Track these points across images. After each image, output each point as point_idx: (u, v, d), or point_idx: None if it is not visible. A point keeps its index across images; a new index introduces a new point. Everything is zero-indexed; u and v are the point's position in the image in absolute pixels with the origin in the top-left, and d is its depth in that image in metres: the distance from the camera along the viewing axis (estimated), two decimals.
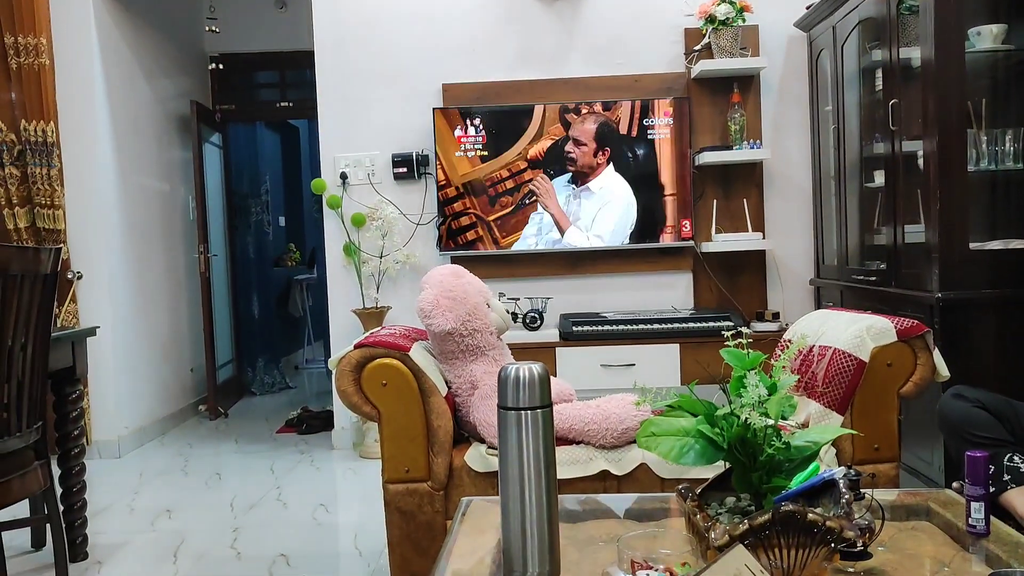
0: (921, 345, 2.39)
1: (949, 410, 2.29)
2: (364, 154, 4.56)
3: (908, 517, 1.88)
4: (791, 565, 1.35)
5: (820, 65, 4.27)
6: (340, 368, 2.49)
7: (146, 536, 3.37)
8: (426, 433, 2.49)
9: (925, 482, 3.21)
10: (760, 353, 1.48)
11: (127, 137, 4.96)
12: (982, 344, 3.03)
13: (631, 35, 4.49)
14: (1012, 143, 3.13)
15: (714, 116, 4.44)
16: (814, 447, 1.44)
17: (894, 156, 3.43)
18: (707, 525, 1.37)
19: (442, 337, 2.59)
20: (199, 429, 5.38)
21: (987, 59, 3.22)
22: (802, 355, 2.61)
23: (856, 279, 3.83)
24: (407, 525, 2.49)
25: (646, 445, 1.46)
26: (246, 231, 6.81)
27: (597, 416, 2.48)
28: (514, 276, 4.48)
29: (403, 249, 4.50)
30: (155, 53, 5.39)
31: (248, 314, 6.75)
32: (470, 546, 1.80)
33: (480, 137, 4.40)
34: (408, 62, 4.54)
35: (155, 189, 5.35)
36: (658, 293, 4.50)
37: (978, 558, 1.63)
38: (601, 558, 1.64)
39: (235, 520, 3.51)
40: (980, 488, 1.68)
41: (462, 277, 2.71)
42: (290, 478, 4.13)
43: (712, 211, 4.41)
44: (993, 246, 3.13)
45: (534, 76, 4.51)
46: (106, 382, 4.62)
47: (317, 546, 3.20)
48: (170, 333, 5.45)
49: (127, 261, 4.87)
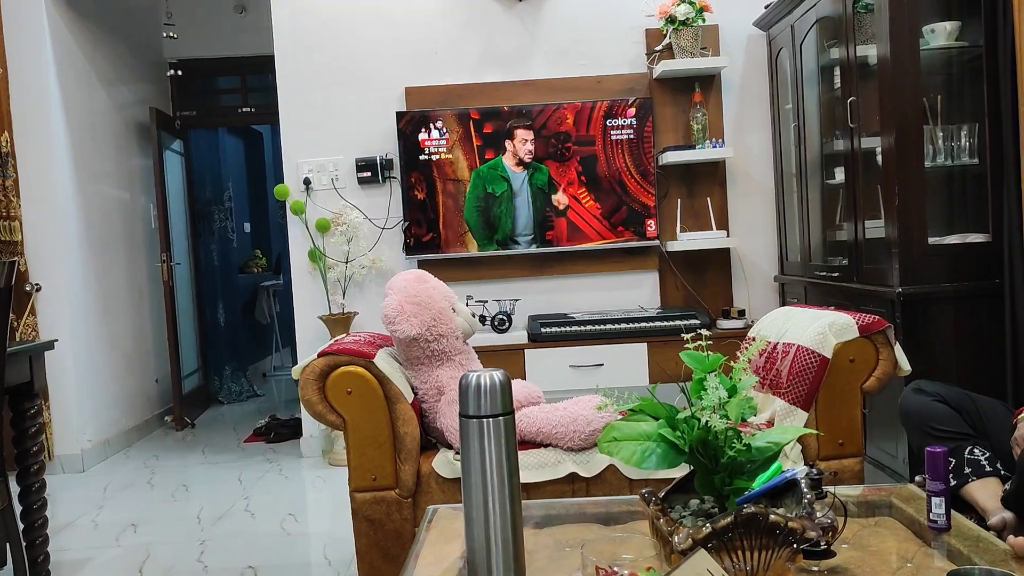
0: (882, 340, 2.41)
1: (910, 404, 2.31)
2: (327, 159, 4.53)
3: (872, 513, 1.89)
4: (755, 567, 1.35)
5: (780, 64, 4.31)
6: (304, 377, 2.47)
7: (111, 552, 3.31)
8: (392, 440, 2.47)
9: (890, 475, 3.25)
10: (720, 355, 1.49)
11: (85, 145, 4.88)
12: (942, 338, 3.07)
13: (593, 37, 4.49)
14: (967, 138, 3.17)
15: (677, 116, 4.46)
16: (775, 448, 1.44)
17: (853, 153, 3.47)
18: (670, 529, 1.37)
19: (407, 343, 2.58)
20: (165, 440, 5.31)
21: (941, 56, 3.26)
22: (767, 353, 2.63)
23: (819, 275, 3.87)
24: (375, 534, 2.47)
25: (607, 450, 1.46)
26: (210, 238, 6.73)
27: (564, 419, 2.48)
28: (482, 279, 4.47)
29: (369, 254, 4.47)
30: (112, 60, 5.31)
31: (214, 322, 6.67)
32: (436, 555, 1.78)
33: (444, 140, 4.38)
34: (370, 66, 4.51)
35: (115, 198, 5.27)
36: (625, 293, 4.52)
37: (940, 553, 1.65)
38: (568, 564, 1.63)
39: (202, 533, 3.47)
40: (940, 483, 1.70)
41: (426, 282, 2.69)
42: (258, 488, 4.09)
43: (676, 210, 4.44)
44: (951, 240, 3.18)
45: (497, 79, 4.50)
46: (67, 395, 4.54)
47: (286, 557, 3.16)
48: (133, 343, 5.37)
49: (87, 271, 4.79)
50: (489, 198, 4.39)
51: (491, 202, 4.39)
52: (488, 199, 4.39)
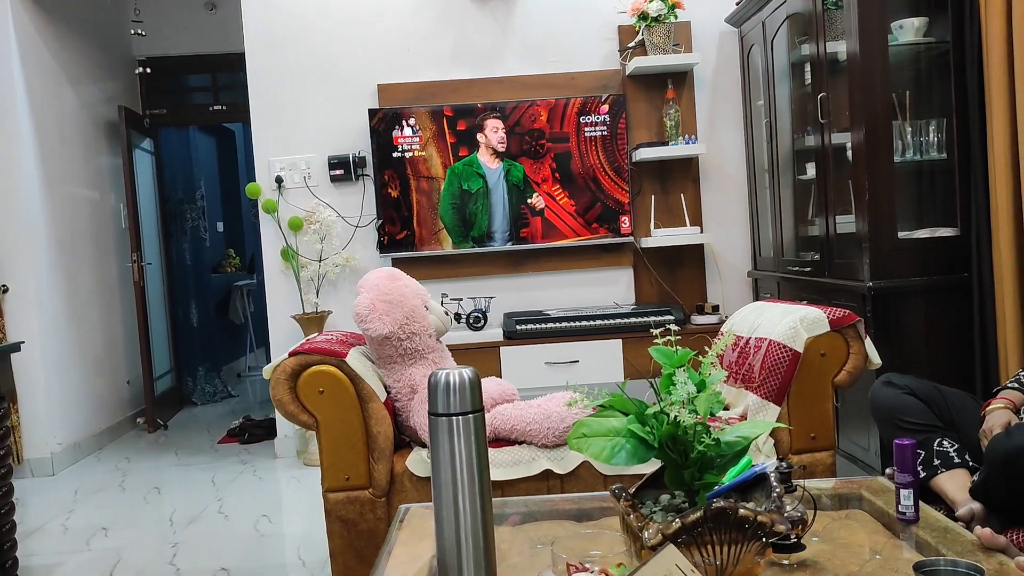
0: (853, 334, 2.43)
1: (880, 397, 2.33)
2: (299, 157, 4.49)
3: (842, 506, 1.91)
4: (725, 561, 1.35)
5: (751, 60, 4.33)
6: (275, 377, 2.44)
7: (81, 556, 3.26)
8: (366, 440, 2.45)
9: (863, 468, 3.27)
10: (688, 350, 1.49)
11: (52, 144, 4.80)
12: (912, 331, 3.10)
13: (565, 33, 4.49)
14: (935, 133, 3.20)
15: (650, 112, 4.47)
16: (744, 442, 1.45)
17: (824, 148, 3.49)
18: (640, 525, 1.37)
19: (380, 342, 2.56)
20: (137, 442, 5.24)
21: (910, 52, 3.29)
22: (739, 347, 2.64)
23: (792, 270, 3.89)
24: (349, 534, 2.45)
25: (577, 447, 1.45)
26: (182, 238, 6.66)
27: (538, 415, 2.47)
28: (457, 276, 4.46)
29: (342, 252, 4.44)
30: (79, 57, 5.23)
31: (186, 322, 6.60)
32: (408, 554, 1.77)
33: (418, 137, 4.36)
34: (342, 63, 4.48)
35: (84, 197, 5.20)
36: (600, 289, 4.52)
37: (908, 545, 1.66)
38: (540, 561, 1.63)
39: (174, 535, 3.43)
40: (908, 475, 1.71)
41: (399, 280, 2.67)
42: (232, 489, 4.05)
43: (650, 206, 4.44)
44: (920, 235, 3.21)
45: (470, 75, 4.49)
46: (36, 397, 4.47)
47: (259, 558, 3.13)
48: (104, 345, 5.30)
49: (56, 272, 4.73)
50: (464, 195, 4.37)
51: (466, 199, 4.38)
52: (463, 196, 4.37)
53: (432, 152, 4.37)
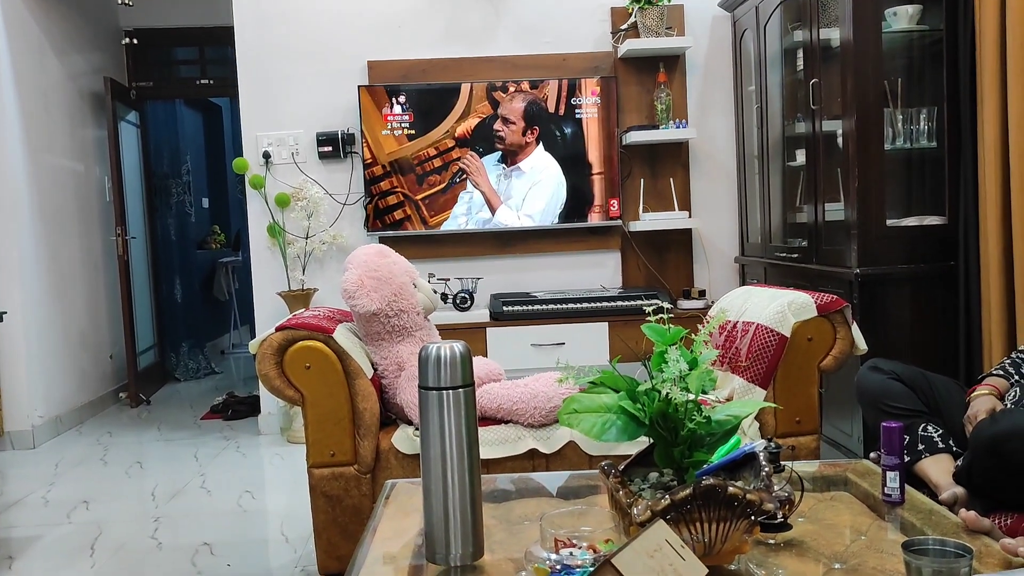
0: (840, 320, 2.44)
1: (866, 382, 2.34)
2: (288, 133, 4.45)
3: (828, 488, 1.92)
4: (713, 539, 1.36)
5: (744, 45, 4.32)
6: (261, 351, 2.43)
7: (62, 529, 3.24)
8: (352, 416, 2.45)
9: (845, 453, 3.30)
10: (681, 328, 1.48)
11: (36, 115, 4.74)
12: (898, 318, 3.12)
13: (558, 14, 4.46)
14: (926, 122, 3.21)
15: (641, 95, 4.45)
16: (734, 421, 1.45)
17: (815, 135, 3.50)
18: (629, 501, 1.37)
19: (367, 318, 2.55)
20: (120, 417, 5.21)
21: (902, 39, 3.29)
22: (726, 331, 2.65)
23: (779, 256, 3.90)
24: (333, 510, 2.45)
25: (568, 422, 1.45)
26: (167, 212, 6.59)
27: (525, 395, 2.47)
28: (444, 256, 4.44)
29: (329, 230, 4.42)
30: (65, 27, 5.15)
31: (171, 298, 6.55)
32: (394, 529, 1.77)
33: (407, 115, 4.33)
34: (332, 39, 4.44)
35: (68, 169, 5.13)
36: (588, 272, 4.52)
37: (894, 526, 1.67)
38: (527, 537, 1.63)
39: (156, 510, 3.41)
40: (895, 458, 1.72)
41: (387, 257, 2.66)
42: (214, 465, 4.04)
43: (639, 190, 4.44)
44: (909, 223, 3.22)
45: (461, 54, 4.45)
46: (18, 370, 4.43)
47: (242, 533, 3.13)
48: (87, 318, 5.25)
49: (39, 244, 4.67)
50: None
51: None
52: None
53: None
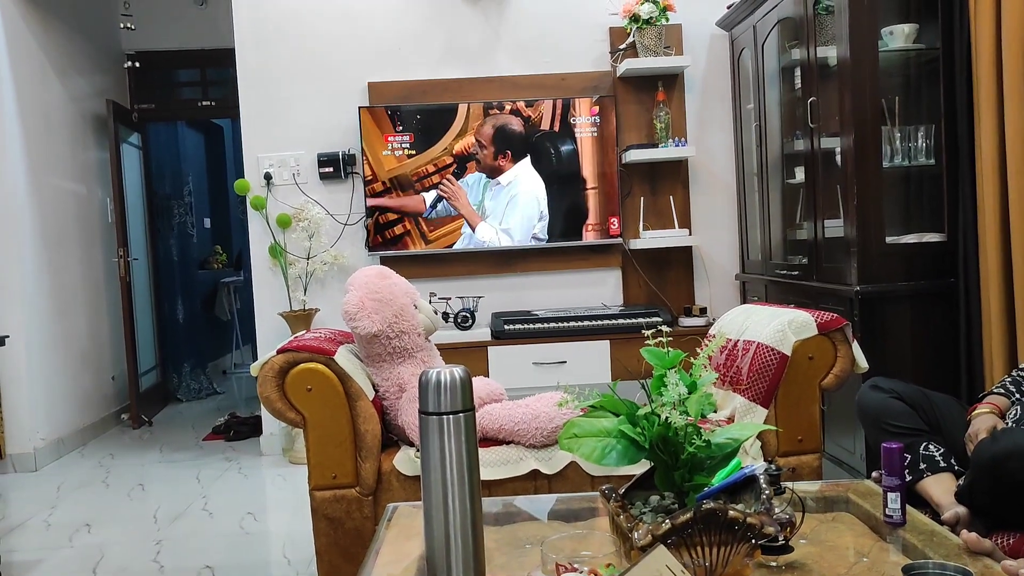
0: (841, 338, 2.44)
1: (867, 401, 2.34)
2: (289, 154, 4.47)
3: (829, 508, 1.91)
4: (714, 562, 1.36)
5: (742, 63, 4.35)
6: (263, 374, 2.43)
7: (63, 552, 3.24)
8: (353, 438, 2.44)
9: (848, 471, 3.29)
10: (680, 352, 1.49)
11: (39, 138, 4.76)
12: (899, 335, 3.12)
13: (557, 34, 4.49)
14: (924, 139, 3.22)
15: (640, 114, 4.47)
16: (734, 444, 1.45)
17: (813, 153, 3.51)
18: (630, 525, 1.37)
19: (368, 340, 2.55)
20: (122, 438, 5.21)
21: (899, 58, 3.31)
22: (727, 350, 2.65)
23: (779, 273, 3.91)
24: (335, 532, 2.44)
25: (568, 447, 1.45)
26: (169, 233, 6.62)
27: (527, 415, 2.47)
28: (445, 275, 4.45)
29: (331, 250, 4.43)
30: (67, 50, 5.19)
31: (172, 318, 6.56)
32: (396, 553, 1.77)
33: (407, 136, 4.35)
34: (333, 60, 4.47)
35: (70, 191, 5.16)
36: (589, 290, 4.52)
37: (895, 548, 1.67)
38: (528, 561, 1.62)
39: (158, 532, 3.40)
40: (896, 479, 1.72)
41: (388, 278, 2.67)
42: (217, 487, 4.03)
43: (639, 208, 4.45)
44: (908, 240, 3.23)
45: (461, 74, 4.48)
46: (20, 392, 4.44)
47: (244, 556, 3.12)
48: (89, 340, 5.26)
49: (41, 266, 4.69)
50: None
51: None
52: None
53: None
